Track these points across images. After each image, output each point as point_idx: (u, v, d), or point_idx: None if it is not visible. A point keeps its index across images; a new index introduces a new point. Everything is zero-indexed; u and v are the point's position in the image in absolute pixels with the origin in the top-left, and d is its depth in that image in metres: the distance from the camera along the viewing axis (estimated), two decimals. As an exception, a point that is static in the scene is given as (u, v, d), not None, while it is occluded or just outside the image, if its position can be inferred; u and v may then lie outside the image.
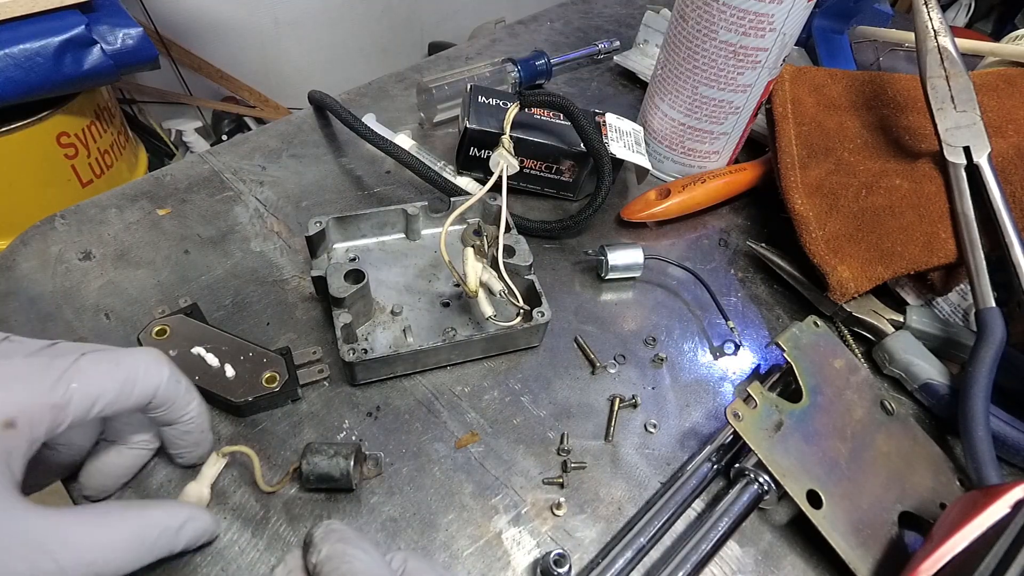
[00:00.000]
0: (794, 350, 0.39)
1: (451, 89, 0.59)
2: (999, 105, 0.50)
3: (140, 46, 0.99)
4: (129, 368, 0.27)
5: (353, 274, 0.39)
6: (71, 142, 1.04)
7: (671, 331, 0.46)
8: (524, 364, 0.43)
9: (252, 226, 0.49)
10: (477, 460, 0.37)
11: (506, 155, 0.46)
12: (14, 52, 0.88)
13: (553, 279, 0.48)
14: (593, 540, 0.35)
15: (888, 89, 0.54)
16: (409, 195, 0.53)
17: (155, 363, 0.29)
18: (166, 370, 0.29)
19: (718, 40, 0.47)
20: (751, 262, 0.52)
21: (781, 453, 0.35)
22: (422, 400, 0.40)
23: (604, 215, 0.54)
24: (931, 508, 0.36)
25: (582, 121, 0.47)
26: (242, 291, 0.44)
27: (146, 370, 0.28)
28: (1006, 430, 0.39)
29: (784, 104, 0.53)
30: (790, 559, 0.35)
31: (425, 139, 0.59)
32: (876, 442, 0.38)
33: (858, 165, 0.50)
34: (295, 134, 0.57)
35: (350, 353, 0.37)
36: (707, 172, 0.54)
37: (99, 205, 0.49)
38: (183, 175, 0.52)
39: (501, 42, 0.73)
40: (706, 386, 0.43)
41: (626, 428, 0.40)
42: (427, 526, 0.34)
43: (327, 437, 0.37)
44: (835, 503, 0.34)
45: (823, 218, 0.47)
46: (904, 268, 0.45)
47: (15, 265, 0.44)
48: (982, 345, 0.40)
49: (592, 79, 0.70)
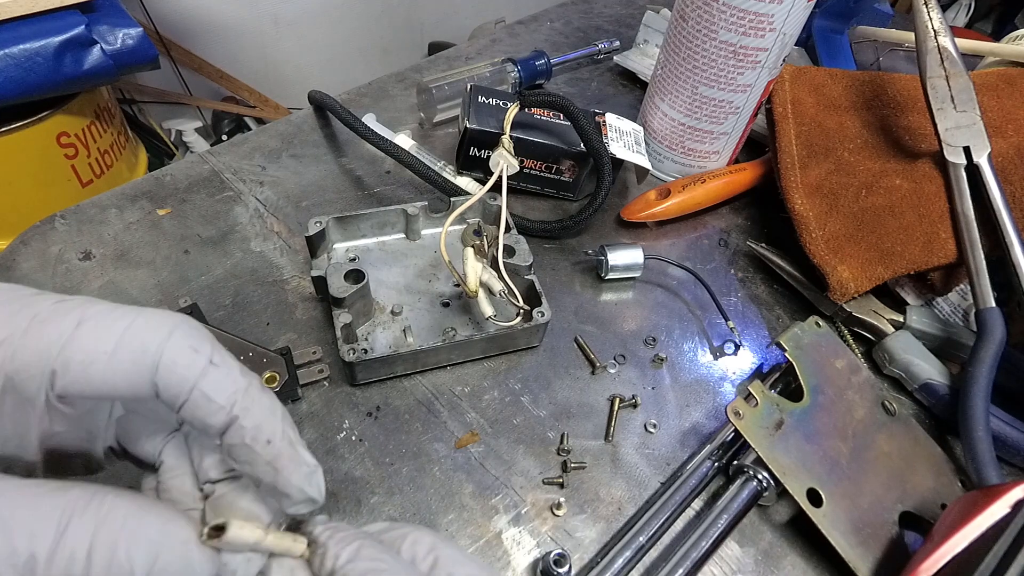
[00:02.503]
0: (795, 350, 0.39)
1: (451, 89, 0.59)
2: (999, 105, 0.50)
3: (140, 46, 0.99)
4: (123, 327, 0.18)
5: (353, 274, 0.39)
6: (71, 142, 1.04)
7: (671, 331, 0.46)
8: (524, 364, 0.43)
9: (252, 226, 0.49)
10: (477, 460, 0.37)
11: (506, 155, 0.46)
12: (14, 52, 0.88)
13: (553, 279, 0.48)
14: (593, 540, 0.35)
15: (888, 89, 0.54)
16: (409, 195, 0.53)
17: (156, 321, 0.19)
18: (167, 329, 0.19)
19: (718, 40, 0.47)
20: (751, 262, 0.52)
21: (781, 452, 0.35)
22: (422, 400, 0.40)
23: (604, 215, 0.54)
24: (932, 508, 0.36)
25: (582, 121, 0.47)
26: (242, 291, 0.44)
27: (139, 331, 0.18)
28: (1006, 430, 0.39)
29: (784, 104, 0.53)
30: (790, 559, 0.35)
31: (425, 139, 0.59)
32: (877, 442, 0.38)
33: (858, 165, 0.50)
34: (295, 134, 0.57)
35: (350, 353, 0.37)
36: (707, 172, 0.54)
37: (99, 205, 0.49)
38: (183, 175, 0.52)
39: (501, 42, 0.73)
40: (706, 386, 0.43)
41: (626, 428, 0.40)
42: (427, 526, 0.34)
43: (327, 437, 0.37)
44: (835, 502, 0.34)
45: (823, 218, 0.47)
46: (904, 268, 0.45)
47: (15, 265, 0.44)
48: (982, 345, 0.40)
49: (592, 79, 0.70)
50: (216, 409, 0.18)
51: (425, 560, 0.21)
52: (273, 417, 0.19)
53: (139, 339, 0.18)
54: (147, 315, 0.19)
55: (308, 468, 0.20)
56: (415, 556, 0.21)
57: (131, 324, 0.18)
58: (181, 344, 0.18)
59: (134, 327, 0.18)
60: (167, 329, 0.19)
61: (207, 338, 0.19)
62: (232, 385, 0.19)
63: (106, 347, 0.18)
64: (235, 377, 0.19)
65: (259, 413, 0.19)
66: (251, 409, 0.19)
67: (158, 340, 0.18)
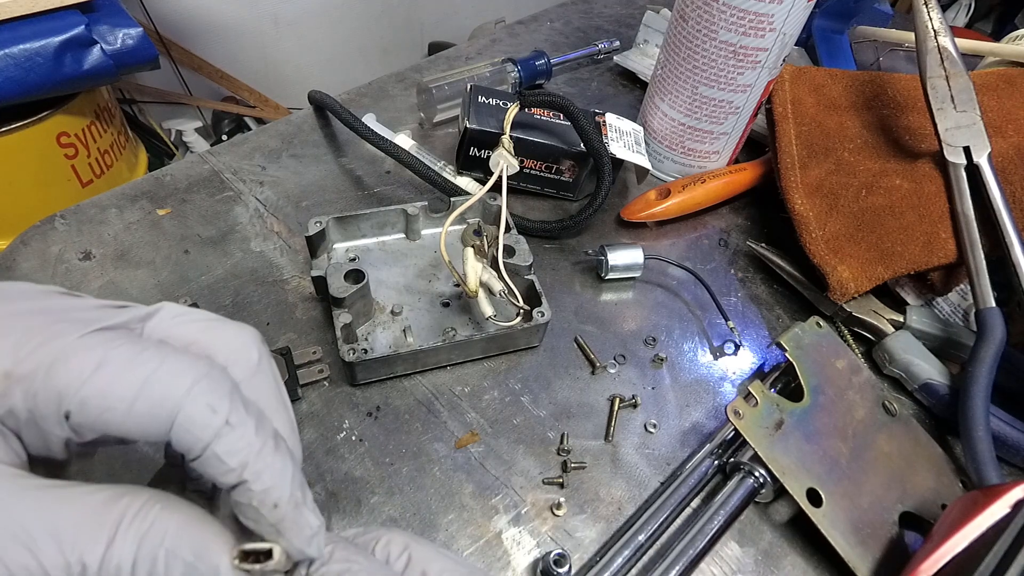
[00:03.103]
0: (796, 350, 0.39)
1: (451, 89, 0.59)
2: (999, 105, 0.50)
3: (140, 46, 0.99)
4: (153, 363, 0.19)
5: (353, 274, 0.39)
6: (71, 142, 1.04)
7: (671, 331, 0.46)
8: (524, 364, 0.43)
9: (252, 226, 0.49)
10: (477, 460, 0.37)
11: (506, 155, 0.46)
12: (14, 52, 0.88)
13: (553, 279, 0.48)
14: (593, 540, 0.35)
15: (888, 89, 0.54)
16: (409, 195, 0.53)
17: (179, 370, 0.19)
18: (188, 382, 0.18)
19: (718, 40, 0.47)
20: (751, 262, 0.52)
21: (781, 451, 0.35)
22: (422, 400, 0.40)
23: (604, 215, 0.54)
24: (932, 509, 0.36)
25: (582, 121, 0.47)
26: (242, 291, 0.44)
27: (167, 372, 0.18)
28: (1006, 430, 0.39)
29: (784, 104, 0.53)
30: (790, 559, 0.35)
31: (425, 139, 0.59)
32: (877, 442, 0.38)
33: (858, 165, 0.50)
34: (295, 134, 0.57)
35: (350, 353, 0.37)
36: (707, 172, 0.54)
37: (99, 205, 0.49)
38: (183, 175, 0.52)
39: (501, 42, 0.73)
40: (706, 386, 0.43)
41: (626, 428, 0.40)
42: (427, 526, 0.34)
43: (327, 437, 0.37)
44: (835, 502, 0.34)
45: (823, 218, 0.47)
46: (904, 268, 0.45)
47: (15, 265, 0.44)
48: (982, 345, 0.40)
49: (592, 79, 0.70)
50: (227, 471, 0.19)
51: (399, 559, 0.22)
52: (283, 480, 0.20)
53: (159, 392, 0.18)
54: (170, 363, 0.19)
55: (311, 531, 0.20)
56: (389, 556, 0.22)
57: (152, 373, 0.19)
58: (199, 402, 0.19)
59: (155, 377, 0.19)
60: (188, 382, 0.19)
61: (227, 393, 0.19)
62: (246, 448, 0.19)
63: (125, 395, 0.18)
64: (249, 439, 0.19)
65: (269, 477, 0.19)
66: (262, 474, 0.19)
67: (177, 395, 0.18)
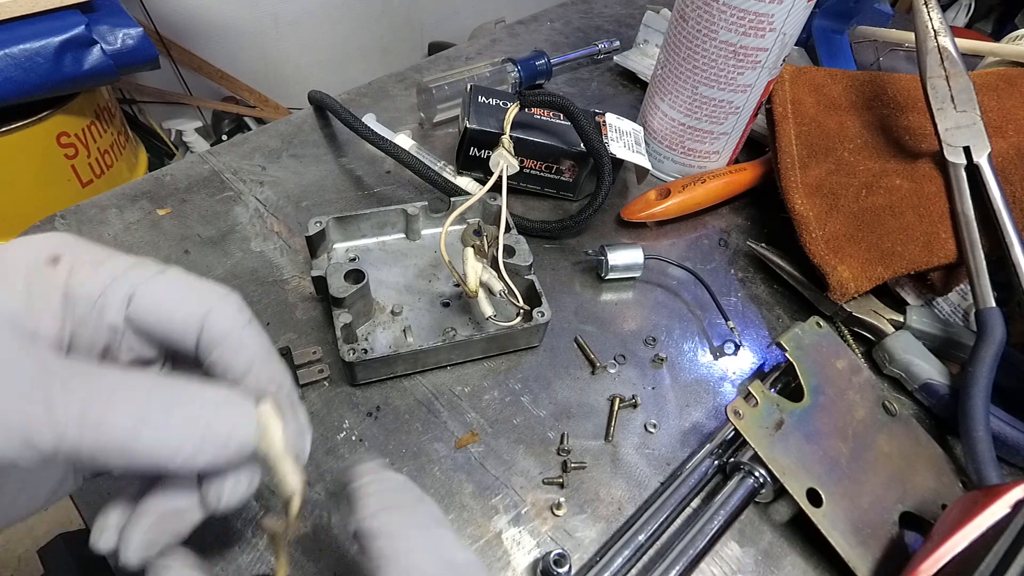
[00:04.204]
0: (796, 350, 0.39)
1: (451, 89, 0.59)
2: (999, 105, 0.50)
3: (140, 46, 1.00)
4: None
5: (353, 274, 0.39)
6: (71, 142, 1.04)
7: (671, 331, 0.46)
8: (524, 364, 0.43)
9: (252, 226, 0.49)
10: (477, 460, 0.37)
11: (506, 155, 0.46)
12: (14, 52, 0.88)
13: (553, 279, 0.48)
14: (593, 540, 0.35)
15: (888, 89, 0.54)
16: (409, 195, 0.53)
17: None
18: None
19: (718, 40, 0.47)
20: (751, 262, 0.52)
21: (781, 451, 0.35)
22: (422, 400, 0.40)
23: (604, 215, 0.54)
24: (933, 509, 0.36)
25: (582, 121, 0.47)
26: (242, 291, 0.44)
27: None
28: (1006, 430, 0.39)
29: (784, 104, 0.53)
30: (790, 559, 0.35)
31: (425, 139, 0.59)
32: (878, 442, 0.38)
33: (858, 165, 0.50)
34: (295, 134, 0.57)
35: (350, 353, 0.37)
36: (707, 172, 0.54)
37: (99, 205, 0.49)
38: (183, 175, 0.52)
39: (501, 42, 0.73)
40: (706, 386, 0.43)
41: (626, 428, 0.40)
42: (427, 526, 0.34)
43: (327, 437, 0.37)
44: (835, 502, 0.34)
45: (823, 218, 0.47)
46: (904, 268, 0.45)
47: (15, 265, 0.44)
48: (982, 345, 0.40)
49: (592, 79, 0.70)
50: (249, 354, 0.24)
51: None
52: (285, 378, 0.25)
53: (196, 298, 0.25)
54: (203, 281, 0.25)
55: (304, 423, 0.25)
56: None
57: (191, 286, 0.25)
58: (231, 300, 0.25)
59: (195, 285, 0.25)
60: (220, 292, 0.25)
61: (244, 305, 0.25)
62: (263, 343, 0.25)
63: (177, 291, 0.26)
64: (264, 340, 0.25)
65: (278, 367, 0.25)
66: (272, 360, 0.25)
67: (212, 299, 0.25)
